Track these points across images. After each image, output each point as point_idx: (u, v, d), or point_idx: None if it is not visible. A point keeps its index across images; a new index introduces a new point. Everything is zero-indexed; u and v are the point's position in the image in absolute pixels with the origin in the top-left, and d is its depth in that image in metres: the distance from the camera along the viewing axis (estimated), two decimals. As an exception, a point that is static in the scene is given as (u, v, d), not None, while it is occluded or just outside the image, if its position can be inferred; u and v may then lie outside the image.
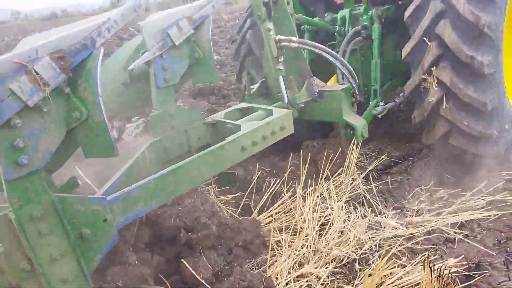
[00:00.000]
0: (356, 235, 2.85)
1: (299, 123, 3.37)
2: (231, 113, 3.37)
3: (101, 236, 2.00)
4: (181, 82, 3.10)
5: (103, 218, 2.00)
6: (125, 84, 3.22)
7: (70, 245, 1.91)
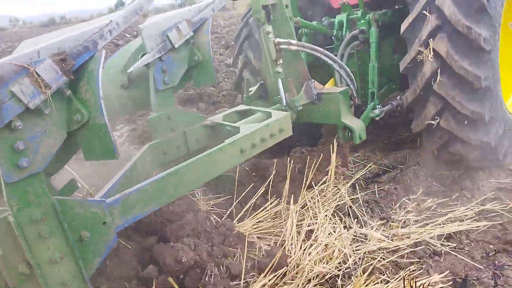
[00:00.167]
0: (340, 249, 2.73)
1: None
2: (230, 115, 3.37)
3: (100, 238, 1.99)
4: (180, 84, 3.10)
5: (102, 220, 1.99)
6: (124, 86, 3.22)
7: (69, 248, 1.90)
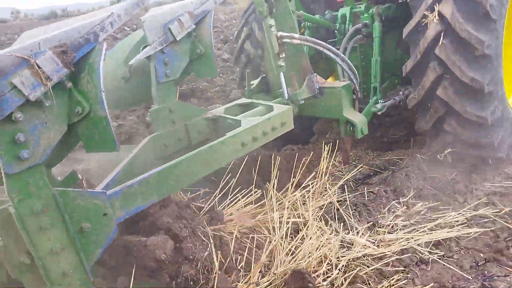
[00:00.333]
0: (326, 256, 2.59)
1: None
2: (231, 108, 3.36)
3: (101, 230, 2.00)
4: (181, 77, 3.09)
5: (103, 212, 2.00)
6: (125, 78, 3.21)
7: (70, 239, 1.91)
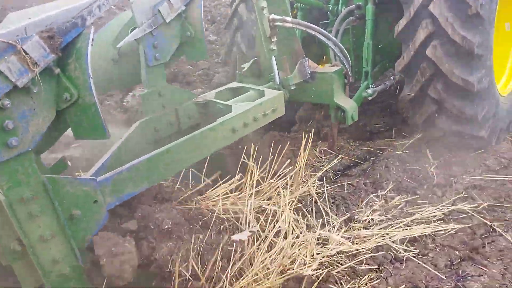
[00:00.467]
0: (298, 258, 2.43)
1: None
2: (222, 93, 3.33)
3: (91, 217, 2.00)
4: (171, 60, 3.04)
5: (94, 199, 2.00)
6: (114, 60, 3.15)
7: (60, 226, 1.91)
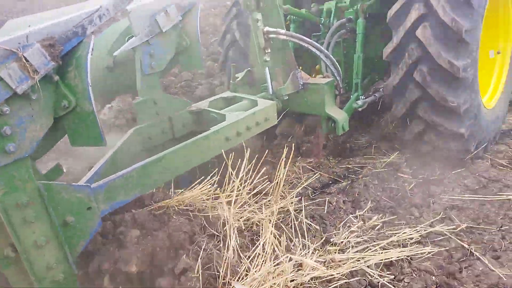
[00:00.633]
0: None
1: None
2: (216, 102, 3.38)
3: (85, 223, 2.01)
4: (167, 69, 3.08)
5: (87, 206, 2.01)
6: (109, 68, 3.18)
7: (54, 232, 1.91)
